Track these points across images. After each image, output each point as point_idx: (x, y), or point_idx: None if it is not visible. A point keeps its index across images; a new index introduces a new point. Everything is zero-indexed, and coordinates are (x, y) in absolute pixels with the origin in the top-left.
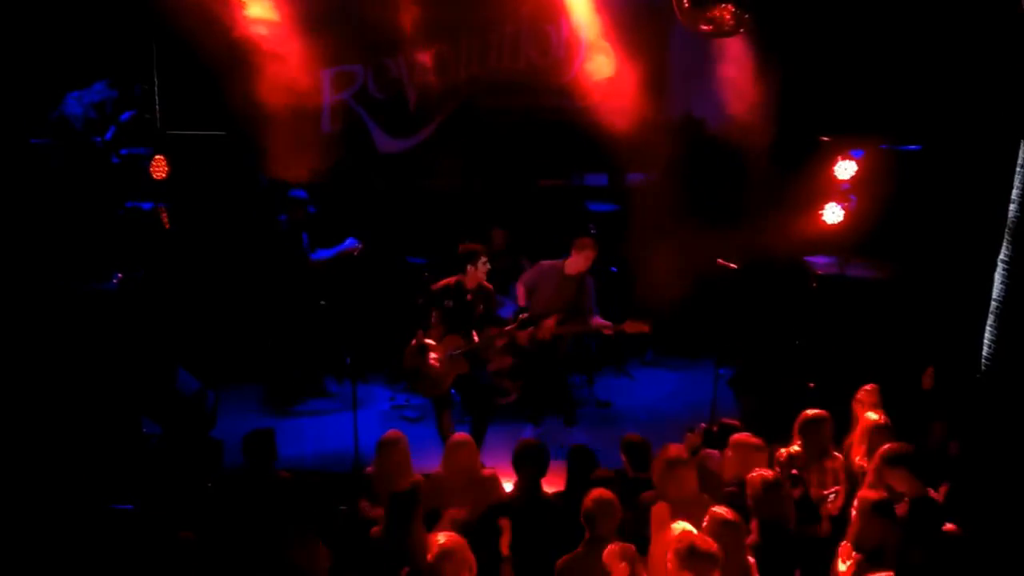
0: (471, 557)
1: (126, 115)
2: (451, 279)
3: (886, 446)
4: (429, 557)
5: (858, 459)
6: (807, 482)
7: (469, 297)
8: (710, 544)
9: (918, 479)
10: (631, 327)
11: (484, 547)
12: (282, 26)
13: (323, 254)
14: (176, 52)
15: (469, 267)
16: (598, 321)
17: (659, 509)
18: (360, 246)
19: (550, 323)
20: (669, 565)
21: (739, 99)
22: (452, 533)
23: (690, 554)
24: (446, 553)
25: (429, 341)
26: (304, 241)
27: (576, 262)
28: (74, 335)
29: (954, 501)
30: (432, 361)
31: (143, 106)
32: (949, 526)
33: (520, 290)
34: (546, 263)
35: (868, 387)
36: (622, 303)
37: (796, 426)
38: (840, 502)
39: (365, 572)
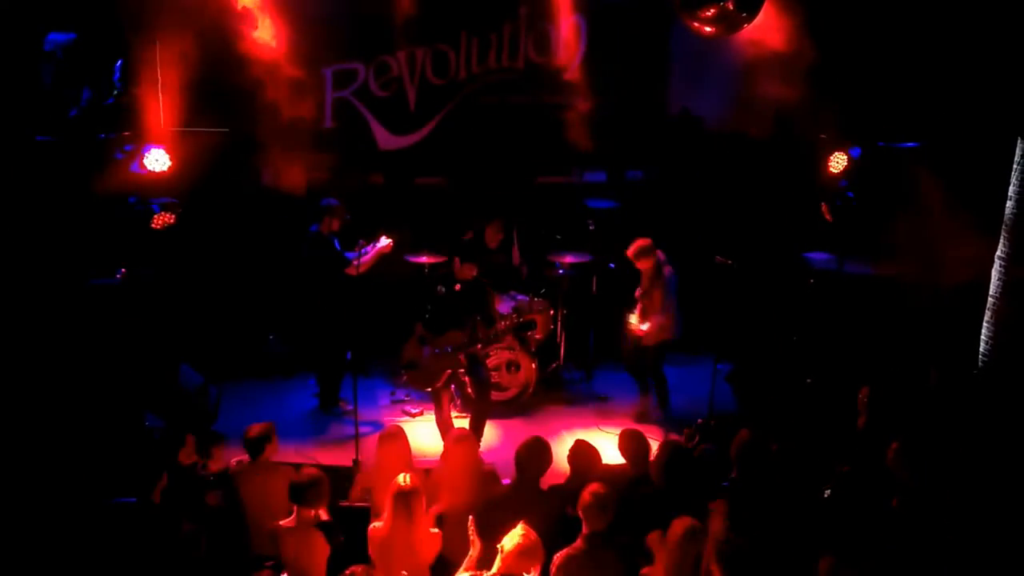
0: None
1: (87, 93)
2: (442, 269)
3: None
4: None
5: None
6: None
7: (458, 287)
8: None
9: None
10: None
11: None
12: (284, 23)
13: (353, 257)
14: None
15: (456, 259)
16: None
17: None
18: (392, 243)
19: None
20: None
21: (737, 97)
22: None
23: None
24: (528, 549)
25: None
26: (336, 247)
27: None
28: (78, 330)
29: (952, 497)
30: (428, 354)
31: (121, 88)
32: None
33: None
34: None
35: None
36: (621, 299)
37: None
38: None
39: (365, 566)
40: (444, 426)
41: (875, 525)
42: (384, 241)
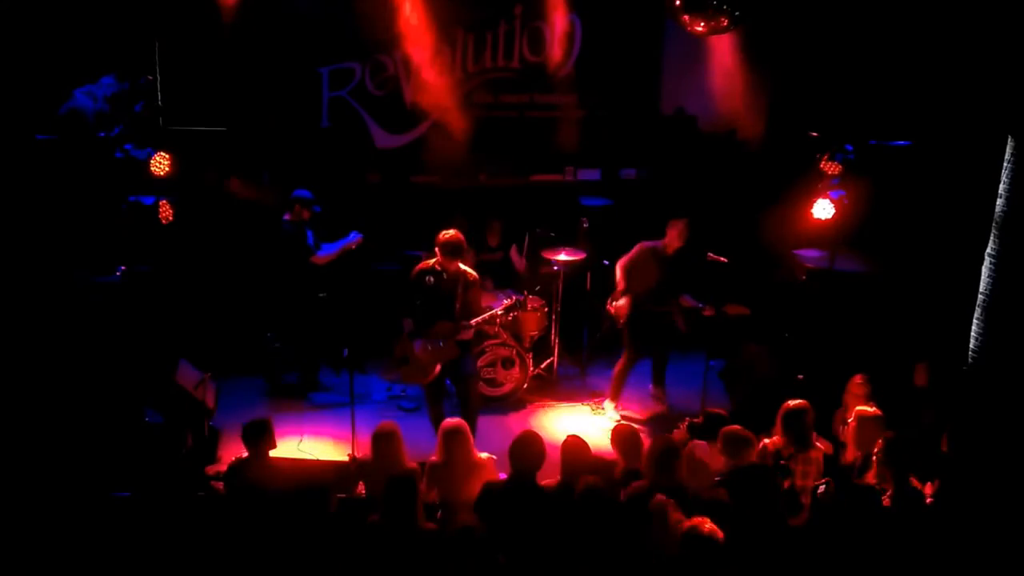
0: None
1: (138, 106)
2: (428, 261)
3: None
4: None
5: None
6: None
7: (446, 276)
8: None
9: (906, 471)
10: (733, 310)
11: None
12: (281, 23)
13: (327, 250)
14: (178, 48)
15: (437, 250)
16: (689, 301)
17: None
18: (362, 239)
19: (623, 303)
20: None
21: (730, 95)
22: None
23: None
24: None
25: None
26: (309, 239)
27: (670, 241)
28: (78, 326)
29: (943, 494)
30: (419, 348)
31: (150, 97)
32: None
33: (622, 274)
34: (645, 244)
35: (859, 378)
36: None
37: (779, 418)
38: (830, 491)
39: (364, 559)
40: (438, 421)
41: (869, 523)
42: (353, 236)
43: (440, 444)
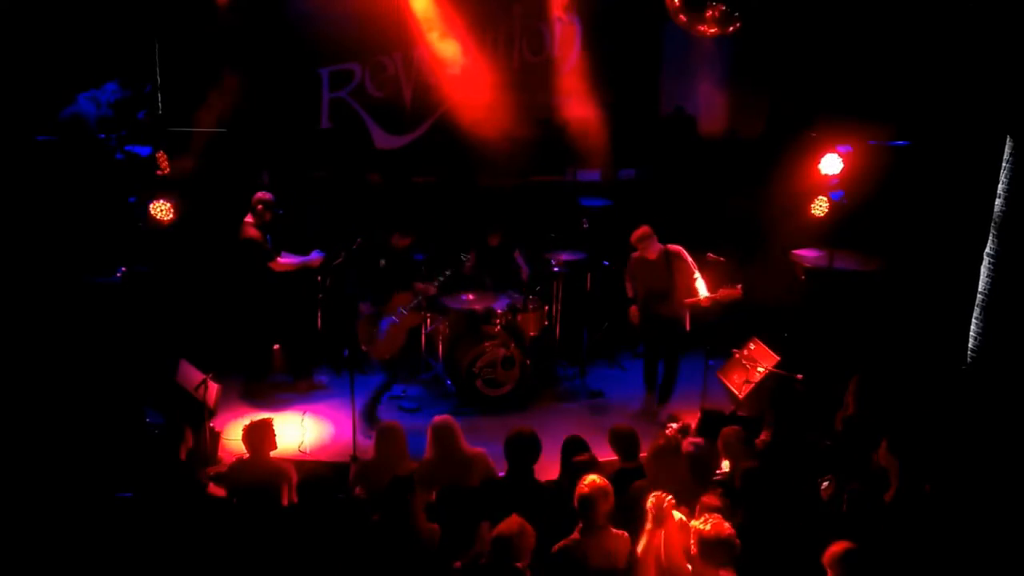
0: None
1: (141, 114)
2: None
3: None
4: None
5: None
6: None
7: (395, 256)
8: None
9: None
10: (723, 295)
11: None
12: (281, 25)
13: (288, 259)
14: (179, 49)
15: (396, 234)
16: (691, 298)
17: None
18: (323, 258)
19: (633, 309)
20: (693, 550)
21: (729, 95)
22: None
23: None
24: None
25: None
26: (268, 242)
27: (643, 253)
28: (79, 327)
29: (942, 492)
30: (386, 326)
31: (153, 105)
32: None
33: (628, 284)
34: (634, 255)
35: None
36: (615, 297)
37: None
38: (832, 490)
39: (365, 558)
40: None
41: (870, 520)
42: (315, 255)
43: (431, 440)
